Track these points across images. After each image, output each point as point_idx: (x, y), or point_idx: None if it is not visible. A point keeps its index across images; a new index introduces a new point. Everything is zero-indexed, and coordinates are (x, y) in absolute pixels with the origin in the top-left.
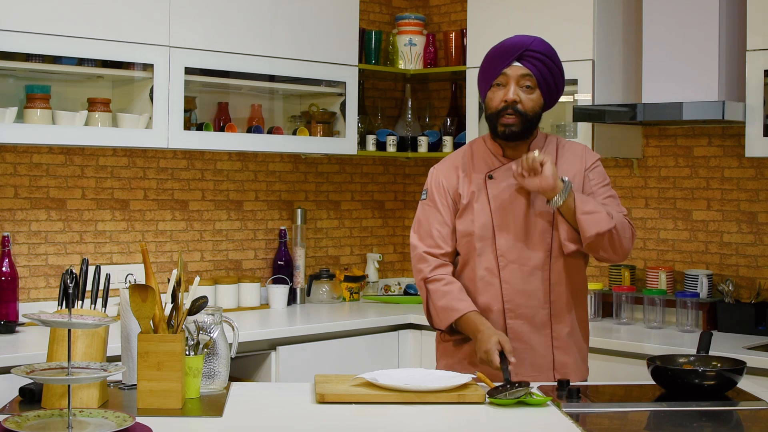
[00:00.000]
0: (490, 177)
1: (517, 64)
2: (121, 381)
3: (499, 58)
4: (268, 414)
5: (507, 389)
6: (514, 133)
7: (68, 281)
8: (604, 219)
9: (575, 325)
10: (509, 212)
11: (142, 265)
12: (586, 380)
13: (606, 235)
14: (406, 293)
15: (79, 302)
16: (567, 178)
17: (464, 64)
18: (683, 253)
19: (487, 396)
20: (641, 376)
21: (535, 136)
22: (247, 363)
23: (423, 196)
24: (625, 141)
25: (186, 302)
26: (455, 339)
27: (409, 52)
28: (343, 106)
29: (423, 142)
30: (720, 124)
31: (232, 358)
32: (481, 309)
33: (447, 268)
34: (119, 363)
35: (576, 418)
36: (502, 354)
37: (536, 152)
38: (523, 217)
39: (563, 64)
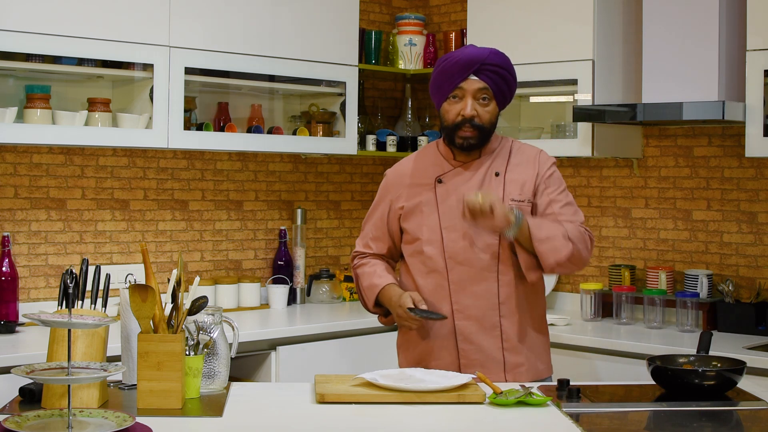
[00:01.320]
0: (440, 181)
1: (473, 77)
2: (121, 381)
3: (455, 73)
4: (268, 414)
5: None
6: (473, 145)
7: (68, 281)
8: (562, 244)
9: (527, 326)
10: (457, 215)
11: (142, 265)
12: (550, 378)
13: (565, 260)
14: None
15: (79, 302)
16: (517, 211)
17: None
18: (683, 253)
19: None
20: (641, 376)
21: (491, 141)
22: (247, 363)
23: (375, 199)
24: (625, 141)
25: (186, 302)
26: (409, 335)
27: (409, 52)
28: (343, 106)
29: (423, 142)
30: (720, 124)
31: (232, 358)
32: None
33: (375, 258)
34: (119, 363)
35: (576, 418)
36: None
37: (478, 195)
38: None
39: (563, 64)
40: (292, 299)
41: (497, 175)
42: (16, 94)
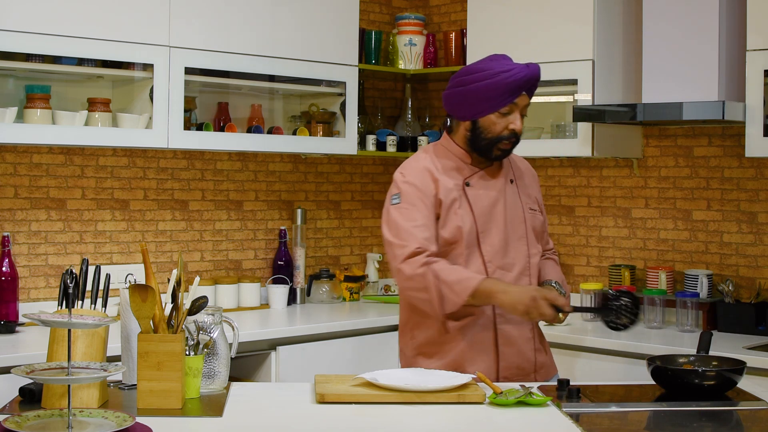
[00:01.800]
0: (468, 184)
1: (525, 94)
2: (121, 381)
3: (514, 89)
4: (268, 414)
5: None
6: (507, 154)
7: (68, 281)
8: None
9: (541, 326)
10: (490, 218)
11: (142, 265)
12: (557, 375)
13: None
14: None
15: (79, 302)
16: (558, 286)
17: (464, 64)
18: (683, 253)
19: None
20: (641, 376)
21: None
22: (247, 363)
23: (395, 200)
24: (625, 141)
25: (186, 302)
26: (437, 345)
27: (409, 52)
28: (343, 106)
29: (423, 142)
30: (720, 124)
31: (232, 358)
32: (470, 317)
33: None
34: (119, 363)
35: (576, 418)
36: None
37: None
38: (503, 223)
39: (563, 64)
40: (292, 299)
41: (512, 182)
42: (16, 94)
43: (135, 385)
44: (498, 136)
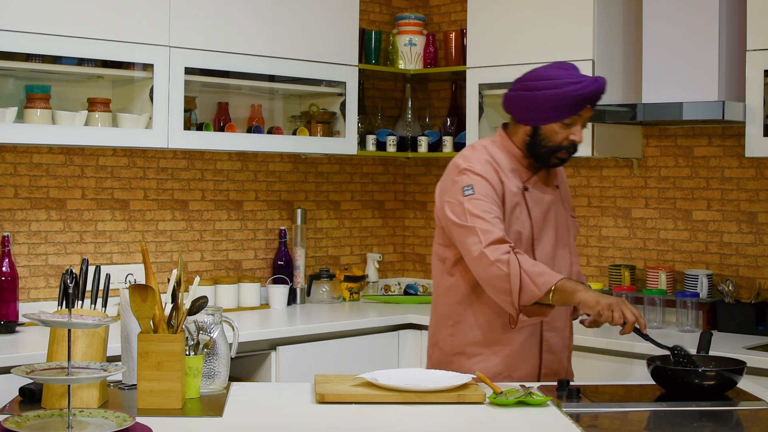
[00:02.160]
0: (526, 189)
1: (588, 106)
2: (121, 381)
3: (582, 102)
4: (268, 414)
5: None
6: (562, 164)
7: (68, 281)
8: None
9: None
10: (544, 225)
11: (142, 265)
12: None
13: None
14: (406, 293)
15: (79, 302)
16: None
17: (464, 64)
18: (683, 253)
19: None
20: (641, 376)
21: None
22: (247, 363)
23: (468, 192)
24: (625, 141)
25: (186, 302)
26: (482, 346)
27: (409, 52)
28: (343, 106)
29: (423, 142)
30: (720, 124)
31: (232, 358)
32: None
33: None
34: (119, 363)
35: (576, 418)
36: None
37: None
38: (553, 231)
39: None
40: (292, 299)
41: (557, 188)
42: (16, 94)
43: (135, 385)
44: (558, 146)
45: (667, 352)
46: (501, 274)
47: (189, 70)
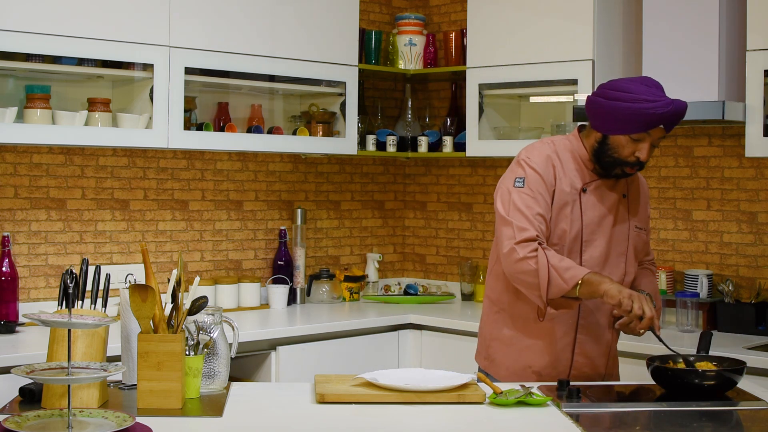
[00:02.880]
0: (584, 190)
1: (661, 127)
2: (121, 381)
3: (652, 122)
4: (268, 414)
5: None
6: (625, 177)
7: (68, 281)
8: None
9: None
10: (597, 229)
11: (142, 265)
12: None
13: None
14: (406, 293)
15: (79, 302)
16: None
17: (464, 64)
18: (683, 253)
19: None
20: (641, 376)
21: None
22: (247, 363)
23: (519, 184)
24: None
25: (186, 302)
26: (516, 338)
27: (409, 52)
28: (343, 106)
29: (423, 142)
30: (720, 124)
31: (232, 358)
32: (554, 320)
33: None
34: (119, 363)
35: (576, 418)
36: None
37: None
38: (607, 237)
39: (563, 64)
40: (292, 299)
41: (624, 197)
42: (16, 94)
43: (135, 385)
44: (623, 159)
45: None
46: (529, 270)
47: (189, 70)
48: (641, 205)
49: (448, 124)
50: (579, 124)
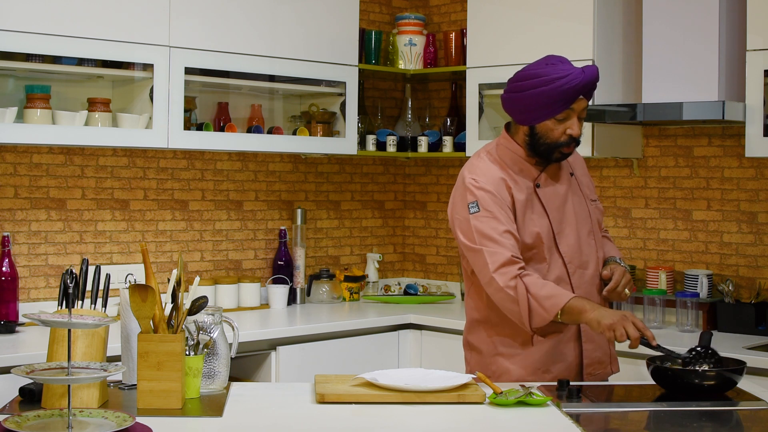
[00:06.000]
0: (538, 186)
1: (581, 98)
2: (121, 381)
3: (572, 95)
4: (268, 414)
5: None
6: (567, 157)
7: (68, 281)
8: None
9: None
10: (563, 217)
11: (142, 265)
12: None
13: None
14: (406, 293)
15: (79, 302)
16: (620, 260)
17: (464, 64)
18: (683, 253)
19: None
20: (641, 376)
21: None
22: (247, 363)
23: (474, 209)
24: (625, 141)
25: (186, 302)
26: (521, 345)
27: (409, 52)
28: (343, 106)
29: (423, 142)
30: (720, 124)
31: (232, 358)
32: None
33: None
34: (119, 363)
35: (576, 418)
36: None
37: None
38: (574, 221)
39: None
40: (292, 299)
41: (572, 175)
42: (16, 94)
43: (135, 385)
44: (556, 142)
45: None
46: (510, 299)
47: (189, 70)
48: (586, 177)
49: (448, 124)
50: (505, 123)
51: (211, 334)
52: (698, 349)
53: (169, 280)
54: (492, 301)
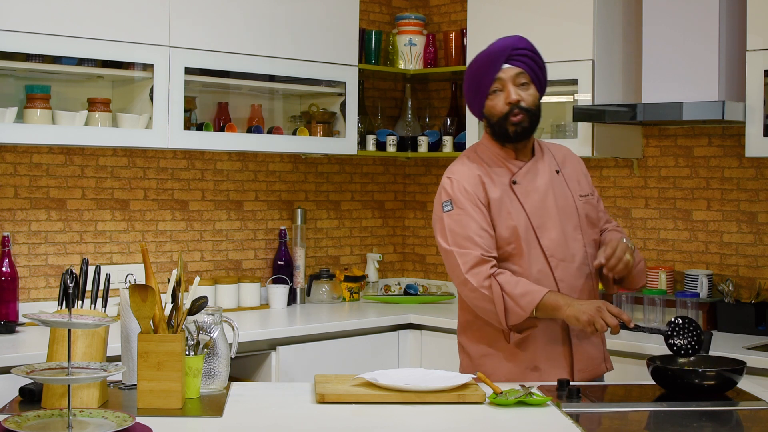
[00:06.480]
0: (515, 182)
1: (507, 65)
2: (121, 381)
3: (489, 66)
4: (268, 414)
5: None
6: (525, 129)
7: (68, 281)
8: (644, 268)
9: None
10: (544, 212)
11: (142, 265)
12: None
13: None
14: (406, 293)
15: (79, 302)
16: (628, 241)
17: (464, 64)
18: (683, 253)
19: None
20: (641, 376)
21: (533, 138)
22: (247, 363)
23: (447, 207)
24: (625, 141)
25: (186, 302)
26: (509, 344)
27: (409, 52)
28: (343, 106)
29: (423, 142)
30: (720, 124)
31: (232, 358)
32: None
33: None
34: (119, 363)
35: (576, 418)
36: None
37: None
38: (557, 216)
39: (563, 64)
40: (292, 299)
41: (558, 172)
42: (16, 94)
43: (135, 385)
44: (503, 114)
45: (666, 329)
46: (485, 299)
47: (189, 70)
48: (579, 175)
49: (448, 124)
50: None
51: (211, 334)
52: (677, 321)
53: (169, 280)
54: (475, 311)
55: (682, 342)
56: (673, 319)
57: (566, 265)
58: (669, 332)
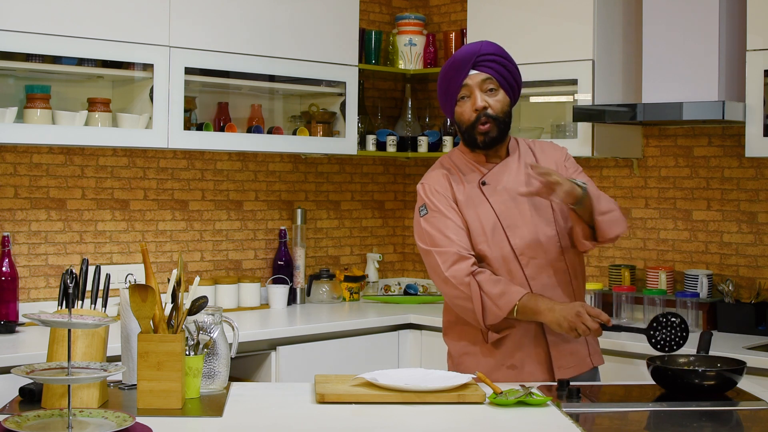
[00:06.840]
0: (484, 183)
1: (474, 72)
2: (121, 381)
3: (455, 73)
4: (268, 414)
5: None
6: (493, 138)
7: (68, 281)
8: (620, 218)
9: None
10: (514, 212)
11: (142, 265)
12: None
13: (622, 232)
14: (406, 293)
15: (79, 302)
16: (579, 180)
17: None
18: (683, 253)
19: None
20: (641, 376)
21: (509, 139)
22: (247, 363)
23: (423, 212)
24: (625, 141)
25: (186, 302)
26: (488, 343)
27: (409, 52)
28: (343, 106)
29: (423, 142)
30: (720, 124)
31: (232, 358)
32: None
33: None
34: (119, 363)
35: (576, 418)
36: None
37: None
38: (528, 213)
39: (563, 64)
40: (292, 299)
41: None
42: (16, 94)
43: (135, 385)
44: (470, 122)
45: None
46: (464, 298)
47: (189, 70)
48: (555, 165)
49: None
50: None
51: (211, 334)
52: (660, 318)
53: (169, 280)
54: (455, 310)
55: (664, 336)
56: (655, 317)
57: (537, 263)
58: (652, 330)
